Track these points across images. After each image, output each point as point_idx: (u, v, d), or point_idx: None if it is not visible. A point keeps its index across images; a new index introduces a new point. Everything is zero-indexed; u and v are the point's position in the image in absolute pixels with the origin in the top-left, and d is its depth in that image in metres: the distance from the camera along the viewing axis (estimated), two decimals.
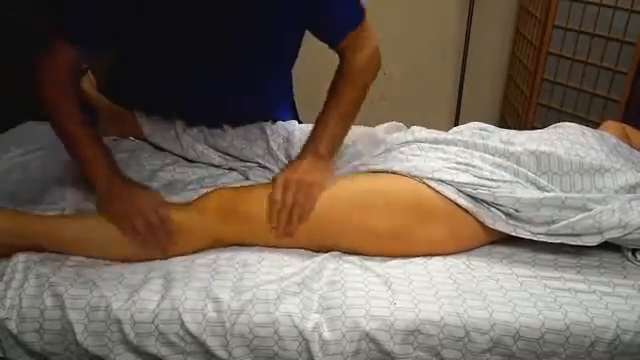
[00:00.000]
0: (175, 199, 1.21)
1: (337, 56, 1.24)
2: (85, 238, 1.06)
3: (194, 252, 1.08)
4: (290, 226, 1.07)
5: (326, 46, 1.23)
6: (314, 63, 1.30)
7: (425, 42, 2.73)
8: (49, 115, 1.14)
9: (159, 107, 1.43)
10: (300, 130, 1.40)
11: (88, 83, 1.58)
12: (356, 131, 1.39)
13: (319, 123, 1.21)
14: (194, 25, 1.17)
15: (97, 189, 1.12)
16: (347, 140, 1.34)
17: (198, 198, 1.11)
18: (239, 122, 1.41)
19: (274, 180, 1.13)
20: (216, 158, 1.40)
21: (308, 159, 1.15)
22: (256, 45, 1.24)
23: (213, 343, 0.93)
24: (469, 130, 1.32)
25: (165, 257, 1.06)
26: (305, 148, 1.20)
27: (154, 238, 1.04)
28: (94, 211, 1.17)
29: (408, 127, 1.35)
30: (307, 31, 1.27)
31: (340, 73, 1.23)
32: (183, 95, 1.36)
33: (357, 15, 1.21)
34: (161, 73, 1.32)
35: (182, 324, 0.93)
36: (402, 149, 1.20)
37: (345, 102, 1.21)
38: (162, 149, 1.43)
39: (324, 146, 1.17)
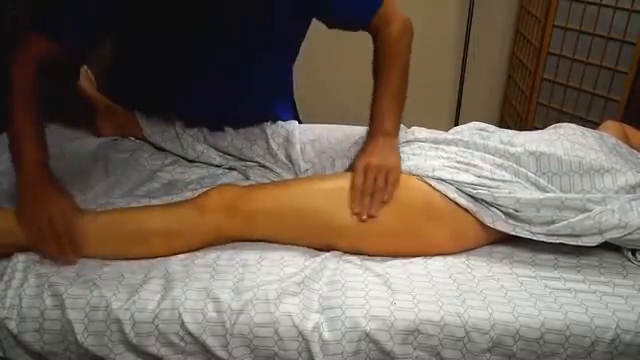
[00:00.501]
0: (175, 199, 1.21)
1: (338, 56, 1.24)
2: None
3: (194, 249, 1.08)
4: (373, 209, 1.07)
5: (326, 46, 1.24)
6: (314, 63, 1.30)
7: (425, 42, 2.73)
8: (8, 102, 1.13)
9: (159, 107, 1.43)
10: (300, 130, 1.41)
11: (88, 83, 1.59)
12: (357, 131, 1.39)
13: (376, 104, 1.22)
14: (193, 24, 1.18)
15: (19, 183, 1.09)
16: (349, 140, 1.34)
17: (198, 195, 1.11)
18: (239, 122, 1.42)
19: (354, 165, 1.14)
20: (216, 158, 1.40)
21: (380, 140, 1.16)
22: (256, 43, 1.24)
23: (213, 343, 0.93)
24: (469, 130, 1.32)
25: (69, 264, 1.02)
26: (373, 129, 1.21)
27: (56, 245, 1.02)
28: (93, 211, 1.18)
29: (408, 127, 1.35)
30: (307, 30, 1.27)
31: (379, 52, 1.25)
32: (183, 95, 1.36)
33: (374, 1, 1.24)
34: (161, 73, 1.32)
35: (182, 324, 0.93)
36: (403, 148, 1.20)
37: (393, 79, 1.24)
38: (162, 149, 1.44)
39: (389, 124, 1.19)
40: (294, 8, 1.20)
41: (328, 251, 1.09)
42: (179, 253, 1.06)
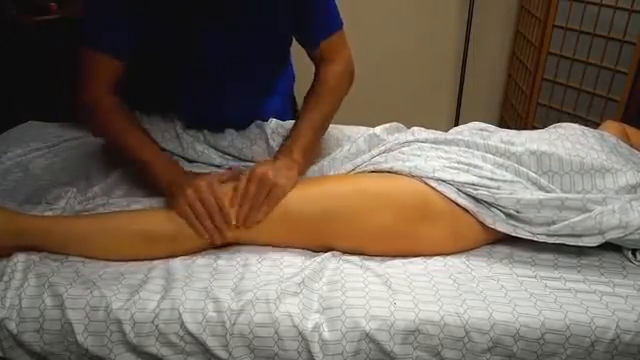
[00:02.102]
0: None
1: None
2: (84, 238, 1.06)
3: (195, 252, 1.07)
4: (248, 220, 1.07)
5: None
6: (312, 65, 1.30)
7: (425, 42, 2.74)
8: (98, 130, 1.21)
9: (159, 107, 1.43)
10: None
11: None
12: (356, 131, 1.39)
13: (295, 130, 1.25)
14: (194, 25, 1.18)
15: (163, 185, 1.14)
16: (348, 140, 1.34)
17: None
18: (239, 122, 1.42)
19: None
20: (216, 158, 1.40)
21: (282, 159, 1.16)
22: (257, 44, 1.24)
23: (213, 343, 0.93)
24: (469, 130, 1.32)
25: (223, 242, 1.07)
26: (280, 150, 1.24)
27: (212, 222, 1.05)
28: (93, 211, 1.18)
29: (408, 127, 1.35)
30: None
31: (317, 84, 1.29)
32: (183, 96, 1.36)
33: (337, 21, 1.29)
34: (161, 74, 1.32)
35: (182, 324, 0.93)
36: (403, 149, 1.20)
37: (322, 113, 1.27)
38: (162, 149, 1.43)
39: (297, 152, 1.19)
40: (278, 9, 1.22)
41: (327, 251, 1.08)
42: (180, 256, 1.06)
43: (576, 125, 1.28)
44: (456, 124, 2.69)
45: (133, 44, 1.19)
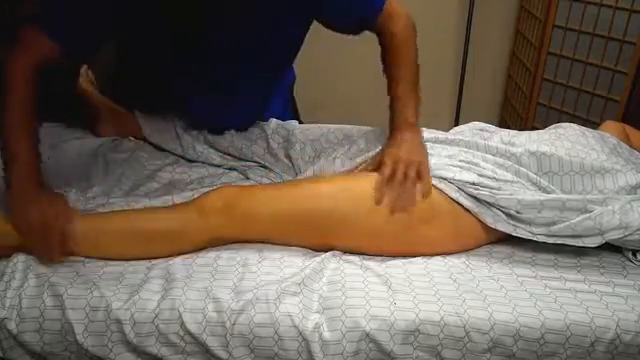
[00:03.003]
0: (175, 199, 1.21)
1: (338, 56, 1.24)
2: (84, 239, 1.05)
3: (194, 251, 1.07)
4: (406, 200, 1.07)
5: (326, 47, 1.23)
6: (315, 63, 1.30)
7: (425, 42, 2.73)
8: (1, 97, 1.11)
9: (159, 107, 1.43)
10: (300, 130, 1.40)
11: (88, 83, 1.59)
12: (357, 131, 1.39)
13: (395, 98, 1.22)
14: (194, 30, 1.17)
15: (12, 188, 1.07)
16: (348, 140, 1.34)
17: (199, 197, 1.11)
18: (239, 124, 1.41)
19: (382, 159, 1.14)
20: (216, 158, 1.40)
21: (406, 134, 1.16)
22: (257, 48, 1.24)
23: (213, 343, 0.93)
24: (470, 130, 1.32)
25: (52, 262, 1.02)
26: (396, 122, 1.20)
27: (46, 248, 1.02)
28: (93, 211, 1.17)
29: None
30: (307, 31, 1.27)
31: (387, 50, 1.26)
32: (183, 98, 1.36)
33: (374, 2, 1.24)
34: (161, 75, 1.32)
35: (182, 324, 0.93)
36: None
37: (406, 74, 1.23)
38: (162, 149, 1.43)
39: (411, 115, 1.19)
40: (296, 14, 1.20)
41: (327, 251, 1.08)
42: (179, 255, 1.06)
43: (576, 125, 1.28)
44: (456, 124, 2.69)
45: (95, 43, 1.16)
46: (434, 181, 1.09)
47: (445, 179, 1.09)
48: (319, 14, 1.22)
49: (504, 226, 1.08)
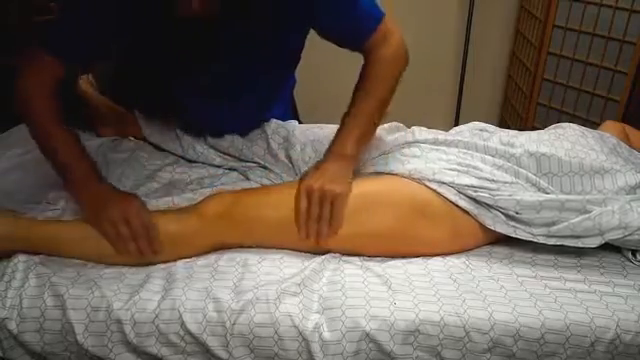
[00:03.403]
0: (175, 199, 1.21)
1: (337, 56, 1.23)
2: (83, 244, 1.05)
3: (195, 255, 1.07)
4: (320, 237, 1.06)
5: (326, 47, 1.23)
6: (315, 63, 1.29)
7: (425, 42, 2.73)
8: (28, 120, 1.12)
9: (159, 108, 1.43)
10: (300, 130, 1.40)
11: (87, 83, 1.59)
12: None
13: (346, 123, 1.16)
14: (194, 37, 1.16)
15: (82, 199, 1.09)
16: None
17: (198, 203, 1.11)
18: (240, 128, 1.41)
19: (299, 187, 1.09)
20: (216, 158, 1.40)
21: (332, 163, 1.11)
22: (257, 56, 1.23)
23: (213, 343, 0.93)
24: (470, 130, 1.32)
25: (148, 263, 1.04)
26: (332, 148, 1.15)
27: (136, 246, 1.02)
28: None
29: (408, 127, 1.35)
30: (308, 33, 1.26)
31: (367, 71, 1.19)
32: (184, 101, 1.36)
33: (372, 19, 1.18)
34: (161, 77, 1.32)
35: (182, 324, 0.93)
36: (403, 150, 1.20)
37: (374, 101, 1.17)
38: (162, 149, 1.43)
39: (351, 147, 1.12)
40: (293, 24, 1.19)
41: (327, 253, 1.08)
42: (181, 259, 1.06)
43: (576, 126, 1.28)
44: (456, 124, 2.69)
45: (103, 55, 1.16)
46: (433, 185, 1.09)
47: (444, 183, 1.09)
48: (315, 24, 1.19)
49: (503, 227, 1.08)
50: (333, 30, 1.18)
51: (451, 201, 1.08)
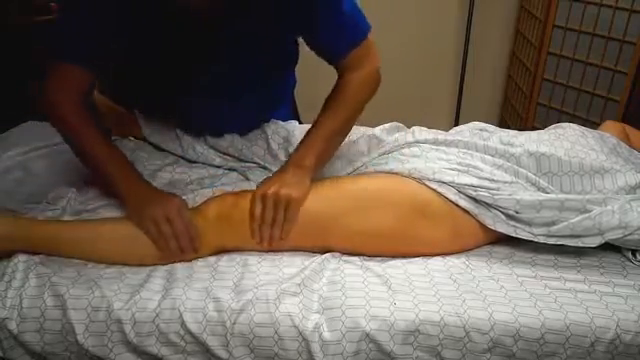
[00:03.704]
0: None
1: None
2: (84, 244, 1.05)
3: (197, 258, 1.07)
4: (272, 241, 1.07)
5: None
6: (315, 64, 1.30)
7: (425, 42, 2.73)
8: (63, 133, 1.15)
9: (159, 108, 1.43)
10: (300, 130, 1.40)
11: None
12: (357, 131, 1.39)
13: (309, 137, 1.18)
14: (193, 38, 1.17)
15: (125, 200, 1.12)
16: (348, 140, 1.34)
17: (198, 206, 1.11)
18: (240, 128, 1.41)
19: (255, 192, 1.10)
20: (216, 158, 1.40)
21: (290, 171, 1.12)
22: (261, 50, 1.23)
23: (213, 343, 0.93)
24: (470, 130, 1.32)
25: (185, 260, 1.05)
26: (291, 160, 1.17)
27: (177, 244, 1.04)
28: (93, 212, 1.17)
29: (408, 127, 1.35)
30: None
31: (337, 90, 1.21)
32: (183, 101, 1.36)
33: (359, 34, 1.19)
34: (161, 77, 1.32)
35: (183, 324, 0.93)
36: (403, 150, 1.20)
37: (339, 120, 1.19)
38: (162, 149, 1.43)
39: (310, 160, 1.14)
40: (293, 23, 1.19)
41: (327, 252, 1.08)
42: (180, 261, 1.06)
43: (576, 125, 1.28)
44: (456, 124, 2.69)
45: (107, 57, 1.16)
46: (433, 185, 1.09)
47: (444, 183, 1.09)
48: (303, 33, 1.20)
49: (504, 227, 1.08)
50: (321, 36, 1.18)
51: (451, 201, 1.08)
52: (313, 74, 1.48)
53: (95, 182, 1.24)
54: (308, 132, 1.20)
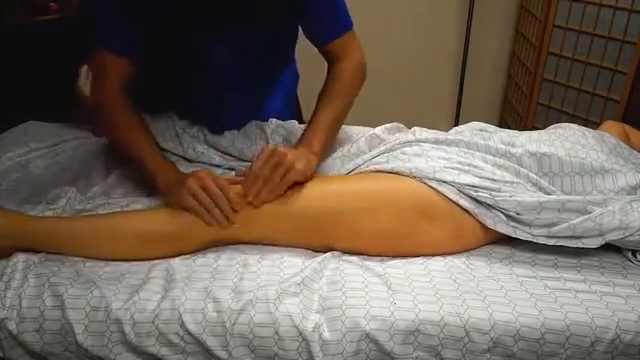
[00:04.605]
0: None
1: None
2: (84, 240, 1.06)
3: (194, 252, 1.08)
4: (259, 197, 1.07)
5: None
6: (316, 63, 1.30)
7: (425, 42, 2.74)
8: (104, 126, 1.22)
9: (159, 107, 1.43)
10: (300, 130, 1.40)
11: (87, 83, 1.59)
12: (357, 131, 1.39)
13: (312, 126, 1.22)
14: (192, 28, 1.17)
15: (160, 185, 1.14)
16: (349, 140, 1.34)
17: None
18: (240, 122, 1.41)
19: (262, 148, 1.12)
20: (216, 158, 1.40)
21: (301, 149, 1.15)
22: (253, 45, 1.24)
23: (213, 343, 0.93)
24: (470, 130, 1.32)
25: (228, 223, 1.07)
26: (300, 141, 1.21)
27: (217, 207, 1.06)
28: (93, 212, 1.18)
29: (408, 127, 1.35)
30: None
31: (332, 80, 1.28)
32: (182, 97, 1.36)
33: (346, 22, 1.28)
34: (161, 74, 1.32)
35: (182, 324, 0.93)
36: (404, 149, 1.20)
37: (337, 109, 1.24)
38: (162, 149, 1.43)
39: (316, 145, 1.18)
40: (278, 10, 1.22)
41: (327, 251, 1.08)
42: (179, 255, 1.06)
43: (576, 126, 1.28)
44: (456, 124, 2.69)
45: (141, 44, 1.20)
46: (434, 184, 1.09)
47: (445, 182, 1.09)
48: (295, 14, 1.25)
49: (504, 228, 1.08)
50: (312, 17, 1.24)
51: (452, 200, 1.08)
52: (314, 74, 1.48)
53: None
54: (310, 123, 1.23)
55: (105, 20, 1.18)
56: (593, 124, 1.99)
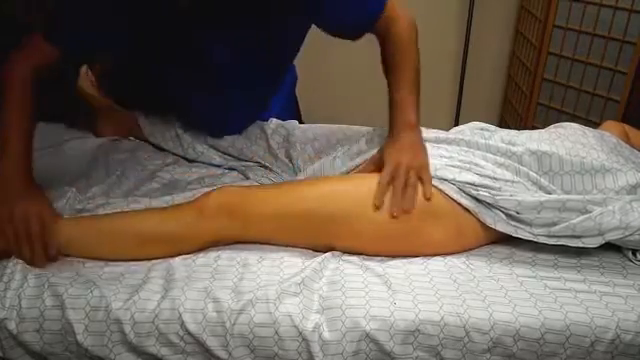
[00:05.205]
0: (175, 199, 1.21)
1: (339, 57, 1.23)
2: (82, 240, 1.05)
3: (194, 252, 1.07)
4: (407, 204, 1.06)
5: (328, 47, 1.23)
6: (316, 63, 1.30)
7: (425, 42, 2.73)
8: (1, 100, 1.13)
9: (159, 107, 1.43)
10: (300, 130, 1.41)
11: (88, 83, 1.59)
12: (357, 131, 1.39)
13: (396, 100, 1.20)
14: (194, 29, 1.17)
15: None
16: (349, 140, 1.34)
17: (198, 197, 1.11)
18: (240, 125, 1.41)
19: (380, 159, 1.12)
20: (216, 158, 1.40)
21: (406, 134, 1.15)
22: (255, 46, 1.24)
23: (213, 343, 0.93)
24: (470, 130, 1.32)
25: (39, 266, 1.01)
26: (396, 122, 1.18)
27: (29, 248, 1.01)
28: (93, 212, 1.17)
29: None
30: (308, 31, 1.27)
31: (388, 52, 1.23)
32: (183, 98, 1.36)
33: (375, 4, 1.23)
34: (161, 75, 1.32)
35: (182, 324, 0.93)
36: None
37: (407, 75, 1.21)
38: (162, 149, 1.44)
39: (412, 115, 1.17)
40: (296, 16, 1.20)
41: (327, 251, 1.08)
42: (179, 255, 1.06)
43: (576, 125, 1.28)
44: (456, 124, 2.69)
45: (103, 45, 1.18)
46: (435, 182, 1.09)
47: (446, 180, 1.09)
48: (317, 17, 1.21)
49: (504, 227, 1.08)
50: (338, 21, 1.20)
51: (453, 199, 1.08)
52: (314, 74, 1.48)
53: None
54: (392, 96, 1.21)
55: (71, 16, 1.13)
56: (593, 124, 1.98)
